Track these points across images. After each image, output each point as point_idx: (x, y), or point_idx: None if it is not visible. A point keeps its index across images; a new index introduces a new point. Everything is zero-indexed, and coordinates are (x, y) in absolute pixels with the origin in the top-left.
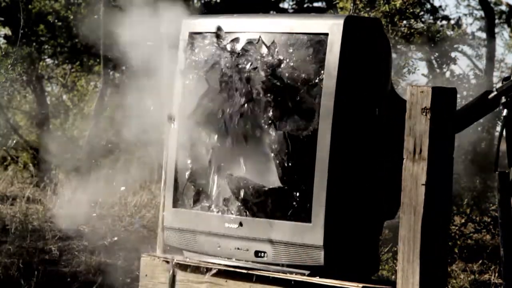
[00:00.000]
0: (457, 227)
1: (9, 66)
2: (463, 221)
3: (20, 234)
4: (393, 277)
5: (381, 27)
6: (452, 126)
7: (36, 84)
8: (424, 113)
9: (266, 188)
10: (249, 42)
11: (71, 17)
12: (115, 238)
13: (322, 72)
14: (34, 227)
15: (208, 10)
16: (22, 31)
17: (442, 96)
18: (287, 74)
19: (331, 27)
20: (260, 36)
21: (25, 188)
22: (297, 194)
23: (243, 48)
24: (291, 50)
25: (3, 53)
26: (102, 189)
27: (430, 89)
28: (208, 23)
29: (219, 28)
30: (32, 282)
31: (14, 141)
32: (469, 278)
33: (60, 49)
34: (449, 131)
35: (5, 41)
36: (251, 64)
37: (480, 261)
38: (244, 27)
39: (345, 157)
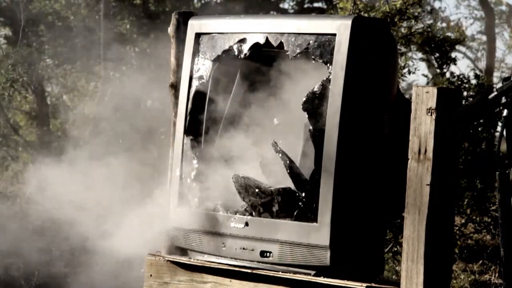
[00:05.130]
0: (457, 228)
1: (10, 66)
2: (463, 221)
3: (20, 235)
4: (394, 277)
5: (388, 28)
6: (457, 127)
7: (36, 85)
8: (429, 114)
9: (273, 188)
10: (256, 43)
11: (71, 17)
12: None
13: (329, 72)
14: (34, 227)
15: (207, 10)
16: (22, 31)
17: (447, 97)
18: (294, 75)
19: (339, 27)
20: (267, 37)
21: (25, 188)
22: (304, 194)
23: (249, 49)
24: (298, 51)
25: (4, 53)
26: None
27: (435, 89)
28: (215, 24)
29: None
30: (32, 282)
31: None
32: (469, 278)
33: (60, 49)
34: (454, 132)
35: (5, 41)
36: (257, 65)
37: (480, 261)
38: (251, 28)
39: (352, 158)
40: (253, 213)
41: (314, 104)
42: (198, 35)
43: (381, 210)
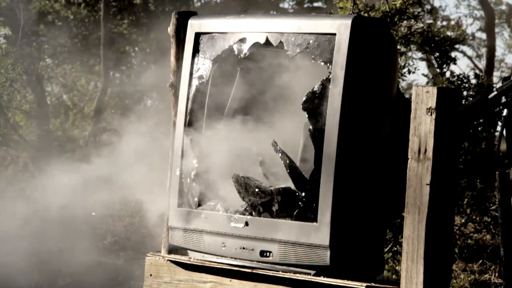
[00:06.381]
0: (457, 227)
1: (9, 66)
2: (463, 221)
3: (20, 234)
4: (394, 276)
5: (388, 28)
6: (457, 126)
7: (36, 84)
8: (429, 113)
9: (273, 188)
10: (256, 42)
11: (71, 17)
12: (115, 238)
13: (329, 72)
14: (34, 227)
15: (207, 10)
16: (21, 31)
17: (447, 96)
18: (293, 74)
19: (339, 27)
20: (267, 36)
21: (25, 188)
22: (303, 194)
23: (250, 49)
24: (298, 50)
25: (3, 53)
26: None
27: (435, 89)
28: (215, 23)
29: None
30: (32, 282)
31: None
32: (469, 278)
33: (60, 49)
34: (454, 131)
35: (5, 41)
36: (256, 65)
37: (480, 261)
38: (251, 27)
39: (352, 157)
40: (253, 213)
41: (314, 104)
42: (198, 35)
43: (381, 210)
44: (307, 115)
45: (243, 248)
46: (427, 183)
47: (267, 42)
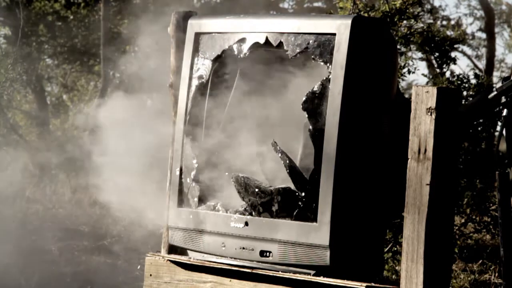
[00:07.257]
0: (457, 227)
1: (9, 66)
2: (463, 221)
3: (21, 234)
4: (394, 276)
5: (388, 28)
6: (457, 126)
7: (36, 84)
8: (429, 113)
9: (272, 188)
10: (256, 43)
11: (71, 17)
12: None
13: (329, 72)
14: (34, 227)
15: (207, 10)
16: (21, 31)
17: (447, 96)
18: (293, 75)
19: (339, 27)
20: (267, 36)
21: (25, 188)
22: (303, 194)
23: (249, 49)
24: (298, 50)
25: (3, 53)
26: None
27: (435, 89)
28: (215, 23)
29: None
30: (32, 282)
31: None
32: (469, 278)
33: (60, 49)
34: (454, 131)
35: (5, 41)
36: (257, 65)
37: (480, 261)
38: (251, 27)
39: (352, 157)
40: (253, 213)
41: (314, 104)
42: (197, 35)
43: (380, 209)
44: (307, 115)
45: (243, 248)
46: (427, 183)
47: (267, 42)
